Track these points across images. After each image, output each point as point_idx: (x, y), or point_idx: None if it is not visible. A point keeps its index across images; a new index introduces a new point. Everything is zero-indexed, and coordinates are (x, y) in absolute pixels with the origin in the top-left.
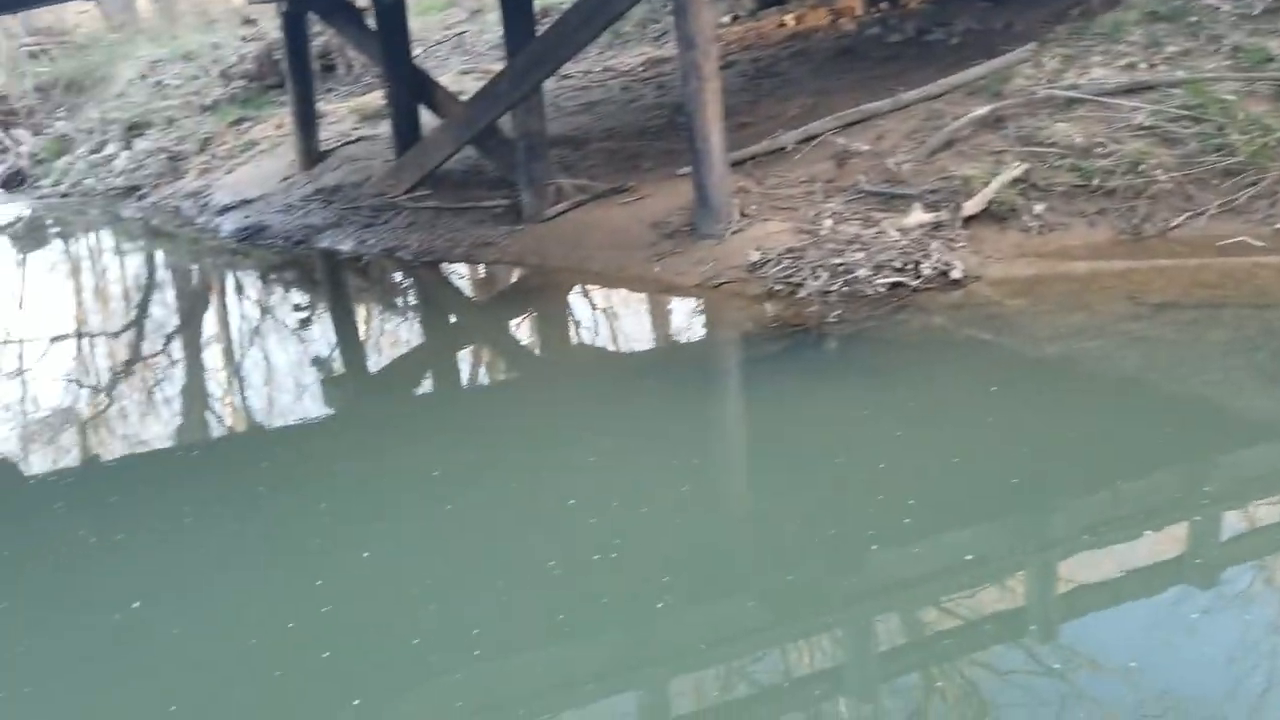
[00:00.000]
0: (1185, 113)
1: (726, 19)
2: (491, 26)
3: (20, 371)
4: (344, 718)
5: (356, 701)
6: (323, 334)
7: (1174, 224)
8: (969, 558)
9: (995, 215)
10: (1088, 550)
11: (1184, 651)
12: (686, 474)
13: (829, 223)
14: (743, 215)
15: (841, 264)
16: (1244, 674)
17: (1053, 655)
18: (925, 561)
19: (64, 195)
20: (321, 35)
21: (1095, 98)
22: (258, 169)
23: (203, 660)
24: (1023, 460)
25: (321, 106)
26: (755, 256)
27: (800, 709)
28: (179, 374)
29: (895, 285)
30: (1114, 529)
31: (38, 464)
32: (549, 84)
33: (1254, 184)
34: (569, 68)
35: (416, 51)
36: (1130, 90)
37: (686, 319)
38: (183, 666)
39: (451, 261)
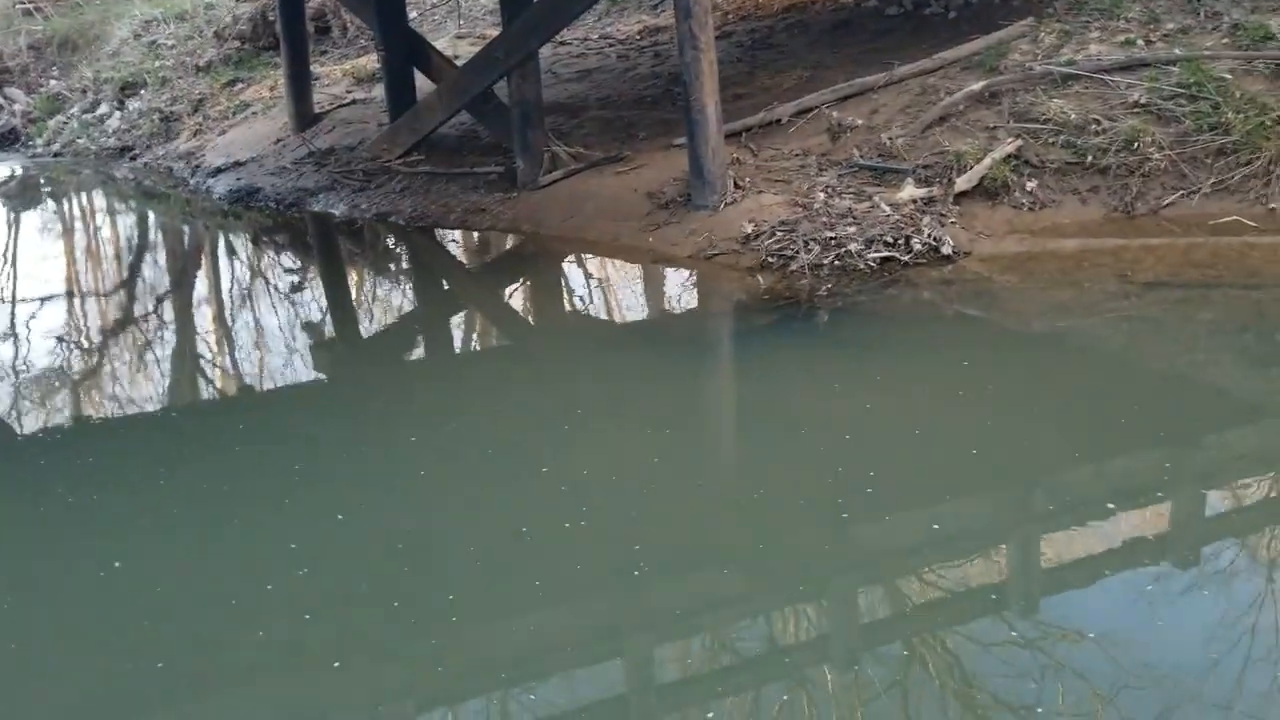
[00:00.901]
0: (1181, 90)
1: None
2: None
3: (9, 330)
4: (326, 680)
5: (337, 664)
6: (313, 298)
7: (1166, 202)
8: (951, 531)
9: (987, 191)
10: (1070, 526)
11: (1165, 627)
12: (669, 443)
13: (822, 196)
14: (737, 187)
15: (833, 237)
16: (1224, 650)
17: (1034, 629)
18: (907, 534)
19: (56, 154)
20: None
21: (1091, 74)
22: (251, 131)
23: (186, 620)
24: (1007, 436)
25: (315, 69)
26: (749, 229)
27: (781, 678)
28: (166, 336)
29: (886, 260)
30: (1097, 505)
31: (22, 422)
32: (545, 51)
33: (1248, 163)
34: (565, 34)
35: (412, 15)
36: (1127, 67)
37: (679, 290)
38: (167, 626)
39: (445, 227)
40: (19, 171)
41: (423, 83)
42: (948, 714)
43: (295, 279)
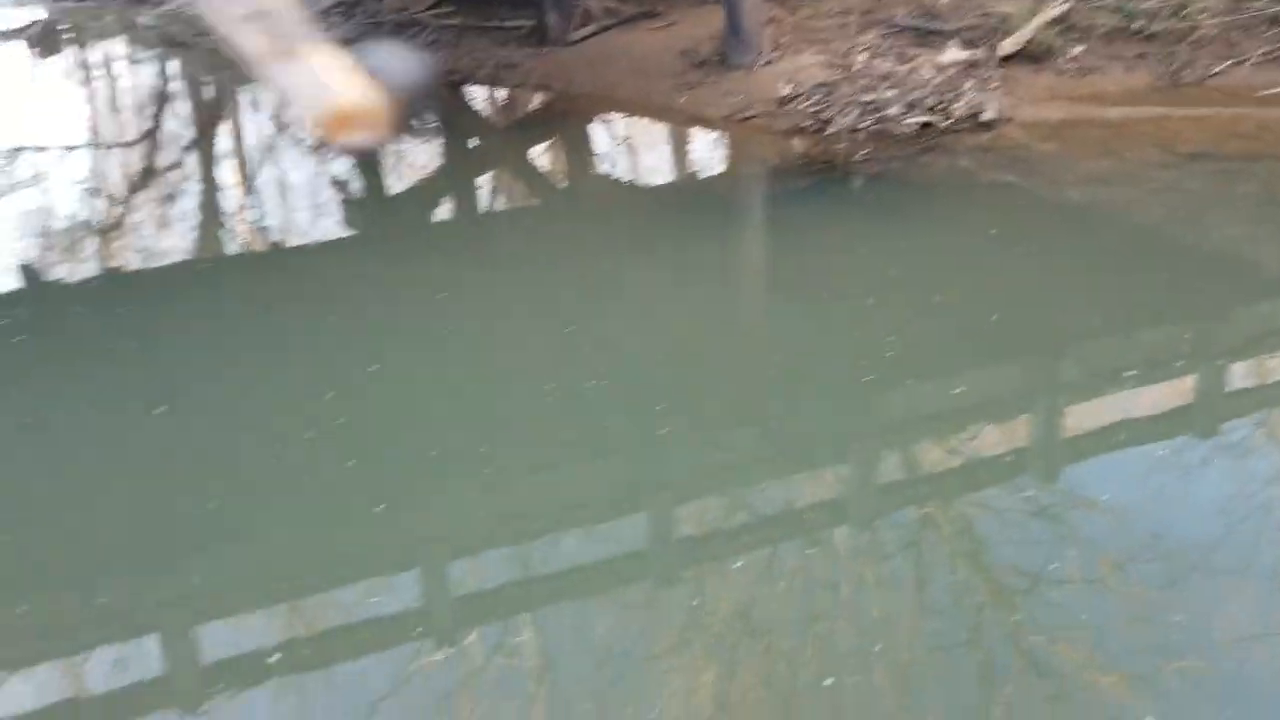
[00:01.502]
0: None
1: None
2: None
3: (36, 179)
4: (371, 521)
5: (381, 507)
6: (340, 154)
7: (1214, 71)
8: (972, 397)
9: (1031, 56)
10: (1091, 395)
11: (1180, 498)
12: (695, 305)
13: (862, 57)
14: (774, 47)
15: (872, 101)
16: (1236, 522)
17: (1049, 496)
18: (931, 400)
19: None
20: None
21: None
22: None
23: (233, 465)
24: (1036, 305)
25: None
26: (785, 90)
27: (798, 537)
28: (194, 188)
29: (925, 125)
30: (1120, 376)
31: (55, 272)
32: None
33: None
34: None
35: None
36: None
37: (711, 152)
38: (216, 469)
39: (475, 83)
40: (41, 17)
41: None
42: (957, 577)
43: None
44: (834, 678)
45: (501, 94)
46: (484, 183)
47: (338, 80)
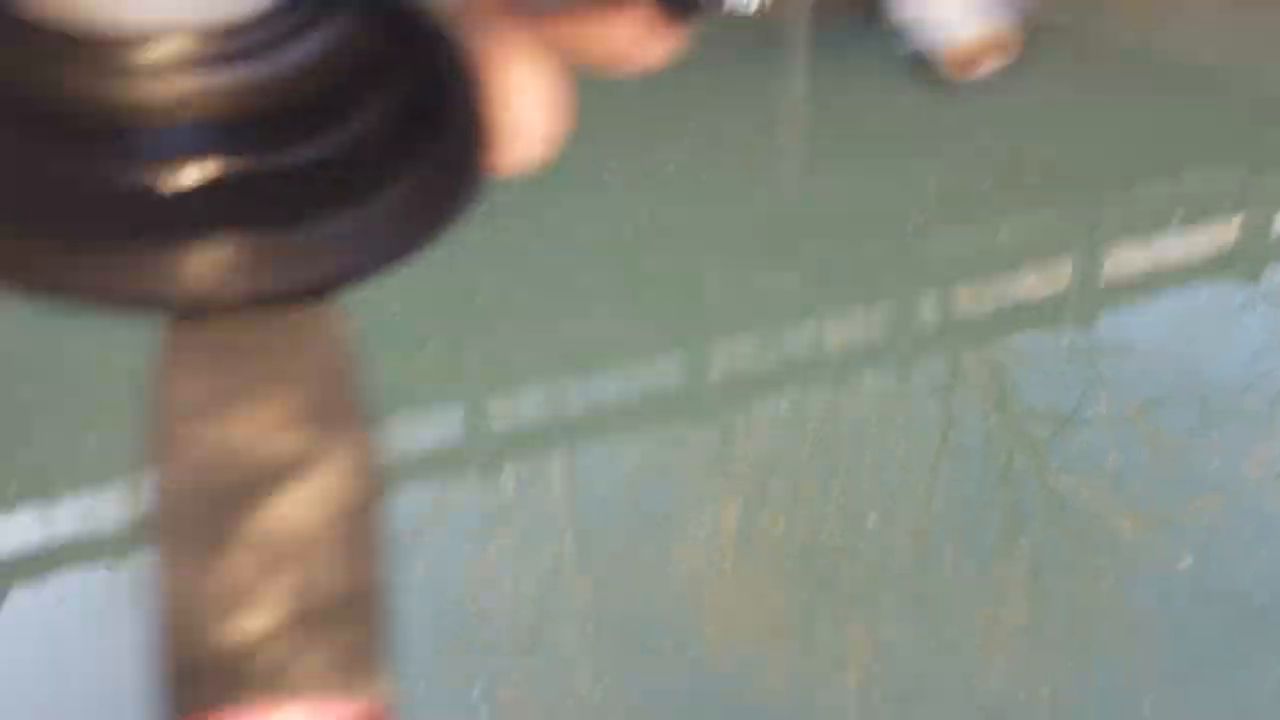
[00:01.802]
0: None
1: None
2: None
3: None
4: (419, 363)
5: (427, 346)
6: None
7: None
8: (1015, 244)
9: None
10: (1136, 241)
11: (1217, 343)
12: (731, 146)
13: None
14: None
15: None
16: (1273, 367)
17: (1084, 340)
18: (970, 246)
19: None
20: None
21: None
22: None
23: None
24: (1082, 149)
25: None
26: None
27: (835, 379)
28: None
29: None
30: (1166, 221)
31: None
32: None
33: None
34: None
35: None
36: None
37: None
38: None
39: None
40: None
41: None
42: (987, 421)
43: None
44: (861, 517)
45: None
46: None
47: (974, 12)
